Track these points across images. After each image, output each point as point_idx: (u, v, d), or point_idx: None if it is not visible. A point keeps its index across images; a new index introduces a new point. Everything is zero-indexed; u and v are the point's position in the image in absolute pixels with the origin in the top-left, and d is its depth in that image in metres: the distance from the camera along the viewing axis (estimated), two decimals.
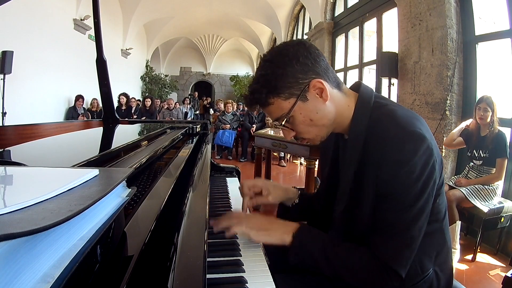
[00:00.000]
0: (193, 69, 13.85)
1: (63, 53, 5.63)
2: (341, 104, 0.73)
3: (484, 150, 2.37)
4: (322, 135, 0.75)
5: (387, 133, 0.65)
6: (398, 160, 0.63)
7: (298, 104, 0.69)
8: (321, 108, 0.70)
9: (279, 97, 0.69)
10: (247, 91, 0.73)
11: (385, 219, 0.66)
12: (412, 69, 3.24)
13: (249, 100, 0.73)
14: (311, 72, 0.69)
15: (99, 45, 1.53)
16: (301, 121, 0.71)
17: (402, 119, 0.66)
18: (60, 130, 1.45)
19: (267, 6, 8.09)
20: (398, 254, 0.65)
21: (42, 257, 0.26)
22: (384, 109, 0.70)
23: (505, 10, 2.49)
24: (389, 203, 0.65)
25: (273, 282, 0.68)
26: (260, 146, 3.37)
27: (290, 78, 0.68)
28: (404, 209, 0.64)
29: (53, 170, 0.45)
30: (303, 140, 0.76)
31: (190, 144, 1.33)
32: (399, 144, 0.63)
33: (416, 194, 0.63)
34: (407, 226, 0.64)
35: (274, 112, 0.72)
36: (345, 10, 5.31)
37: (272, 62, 0.69)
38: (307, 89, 0.69)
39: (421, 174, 0.63)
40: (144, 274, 0.42)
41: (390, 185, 0.64)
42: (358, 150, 0.69)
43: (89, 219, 0.33)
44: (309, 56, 0.69)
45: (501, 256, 2.34)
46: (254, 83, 0.71)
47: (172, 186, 0.68)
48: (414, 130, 0.64)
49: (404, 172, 0.62)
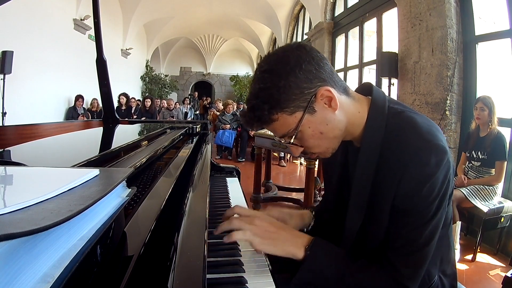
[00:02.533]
0: (193, 69, 13.85)
1: (63, 53, 5.63)
2: (351, 111, 0.66)
3: (482, 152, 2.37)
4: (334, 147, 0.68)
5: (410, 146, 0.59)
6: (421, 174, 0.58)
7: (305, 117, 0.61)
8: (331, 119, 0.63)
9: (284, 112, 0.61)
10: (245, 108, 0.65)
11: (402, 235, 0.62)
12: (412, 69, 3.24)
13: (248, 119, 0.64)
14: (317, 79, 0.61)
15: (99, 45, 1.53)
16: (310, 135, 0.64)
17: (424, 130, 0.61)
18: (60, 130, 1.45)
19: (267, 6, 8.09)
20: (414, 271, 0.62)
21: (42, 257, 0.26)
22: (402, 117, 0.64)
23: (505, 10, 2.49)
24: (407, 219, 0.61)
25: (273, 282, 0.68)
26: (260, 146, 3.37)
27: (295, 89, 0.60)
28: (423, 225, 0.60)
29: (53, 170, 0.45)
30: (313, 154, 0.69)
31: (190, 144, 1.33)
32: (424, 159, 0.58)
33: (434, 209, 0.60)
34: (425, 242, 0.61)
35: (279, 129, 0.64)
36: (345, 10, 5.31)
37: (271, 72, 0.60)
38: (314, 99, 0.61)
39: (441, 188, 0.59)
40: (144, 274, 0.42)
41: (410, 201, 0.60)
42: (374, 161, 0.63)
43: (89, 219, 0.33)
44: (312, 62, 0.61)
45: (501, 256, 2.34)
46: (252, 99, 0.62)
47: (172, 186, 0.68)
48: (438, 143, 0.59)
49: (426, 188, 0.58)
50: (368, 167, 0.64)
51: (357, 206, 0.66)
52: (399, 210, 0.61)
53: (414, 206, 0.60)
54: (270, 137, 3.22)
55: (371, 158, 0.64)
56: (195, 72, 13.86)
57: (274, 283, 0.67)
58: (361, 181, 0.65)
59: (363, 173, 0.65)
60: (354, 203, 0.67)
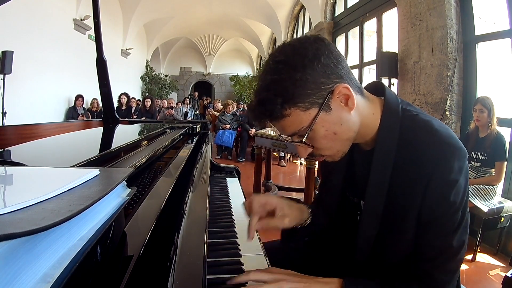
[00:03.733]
0: (193, 69, 13.85)
1: (63, 53, 5.63)
2: (365, 112, 0.62)
3: (482, 152, 2.38)
4: (344, 150, 0.64)
5: (433, 152, 0.56)
6: (447, 181, 0.56)
7: (320, 115, 0.57)
8: (347, 119, 0.59)
9: (297, 108, 0.56)
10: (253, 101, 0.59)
11: (436, 245, 0.59)
12: (412, 69, 3.24)
13: (258, 113, 0.58)
14: (334, 75, 0.57)
15: (99, 45, 1.53)
16: (323, 135, 0.59)
17: (442, 132, 0.58)
18: (60, 130, 1.45)
19: (267, 6, 8.09)
20: (452, 277, 0.61)
21: (42, 257, 0.26)
22: (417, 120, 0.61)
23: (505, 10, 2.49)
24: (438, 228, 0.59)
25: None
26: (260, 146, 3.37)
27: (311, 84, 0.55)
28: (454, 231, 0.58)
29: (53, 170, 0.45)
30: (321, 157, 0.64)
31: (190, 144, 1.33)
32: (448, 164, 0.56)
33: (461, 213, 0.58)
34: (458, 247, 0.59)
35: (290, 126, 0.59)
36: (345, 10, 5.31)
37: (287, 64, 0.55)
38: (331, 96, 0.57)
39: (465, 192, 0.58)
40: (144, 274, 0.42)
41: (438, 209, 0.58)
42: (389, 166, 0.60)
43: (89, 219, 0.33)
44: (331, 56, 0.57)
45: (501, 256, 2.34)
46: (263, 91, 0.57)
47: (172, 186, 0.68)
48: (460, 147, 0.57)
49: (452, 194, 0.56)
50: (383, 171, 0.61)
51: (373, 212, 0.63)
52: (427, 220, 0.59)
53: (443, 214, 0.58)
54: (270, 137, 3.23)
55: (387, 162, 0.61)
56: (195, 72, 13.86)
57: None
58: (377, 185, 0.62)
59: (378, 178, 0.61)
60: (369, 209, 0.63)
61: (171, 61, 13.30)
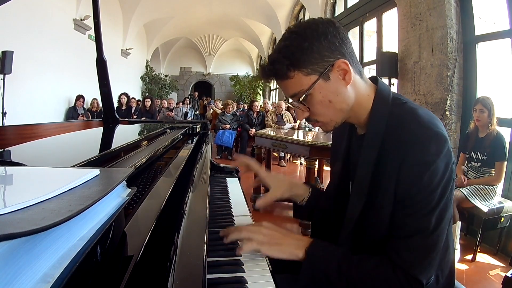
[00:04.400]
0: (193, 69, 13.85)
1: (63, 53, 5.63)
2: (361, 91, 0.70)
3: (482, 153, 2.38)
4: (337, 121, 0.71)
5: (411, 133, 0.62)
6: (422, 161, 0.60)
7: (319, 82, 0.65)
8: (342, 91, 0.67)
9: (300, 71, 0.65)
10: (265, 61, 0.70)
11: (406, 224, 0.63)
12: (412, 69, 3.24)
13: (267, 70, 0.68)
14: (337, 52, 0.65)
15: (99, 45, 1.53)
16: (319, 100, 0.67)
17: (424, 119, 0.63)
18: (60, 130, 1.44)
19: (267, 6, 8.10)
20: (420, 261, 0.62)
21: (42, 257, 0.26)
22: (404, 107, 0.67)
23: (505, 10, 2.49)
24: (411, 208, 0.62)
25: (273, 282, 0.67)
26: (260, 146, 3.37)
27: (316, 54, 0.64)
28: (426, 213, 0.61)
29: (53, 170, 0.45)
30: (316, 122, 0.72)
31: (190, 144, 1.33)
32: (423, 145, 0.60)
33: (438, 197, 0.61)
34: (429, 231, 0.62)
35: (292, 87, 0.67)
36: (345, 10, 5.32)
37: (298, 34, 0.65)
38: (331, 68, 0.65)
39: (443, 176, 0.61)
40: (144, 274, 0.42)
41: (412, 188, 0.61)
42: (377, 148, 0.66)
43: (89, 219, 0.33)
44: (338, 36, 0.65)
45: (501, 256, 2.34)
46: (275, 53, 0.67)
47: (172, 186, 0.68)
48: (438, 131, 0.62)
49: (427, 175, 0.60)
50: (370, 154, 0.67)
51: (359, 192, 0.69)
52: (402, 198, 0.63)
53: (417, 193, 0.61)
54: (270, 137, 3.23)
55: (374, 145, 0.66)
56: (195, 72, 13.86)
57: (274, 283, 0.67)
58: (363, 167, 0.68)
59: (365, 160, 0.67)
60: (356, 189, 0.69)
61: (171, 61, 13.30)
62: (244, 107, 7.72)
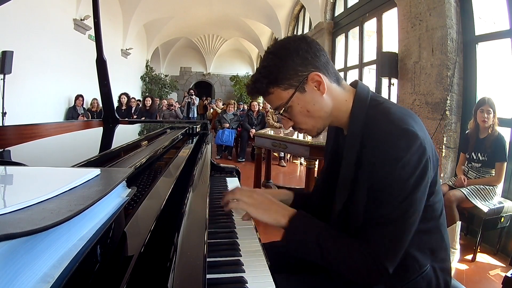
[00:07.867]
0: (193, 69, 13.84)
1: (63, 53, 5.62)
2: (339, 98, 0.75)
3: (482, 153, 2.37)
4: (319, 127, 0.78)
5: (381, 131, 0.67)
6: (391, 157, 0.64)
7: (296, 95, 0.72)
8: (318, 100, 0.73)
9: (278, 87, 0.72)
10: (250, 80, 0.77)
11: (376, 213, 0.67)
12: (412, 69, 3.24)
13: (250, 89, 0.76)
14: (311, 65, 0.72)
15: (99, 45, 1.53)
16: (298, 111, 0.74)
17: (395, 116, 0.68)
18: (60, 130, 1.44)
19: (267, 6, 8.09)
20: (387, 248, 0.66)
21: (42, 257, 0.26)
22: (379, 107, 0.72)
23: (505, 10, 2.49)
24: (381, 198, 0.67)
25: (273, 282, 0.67)
26: (260, 146, 3.37)
27: (290, 70, 0.71)
28: (396, 204, 0.65)
29: (54, 170, 0.45)
30: (301, 130, 0.79)
31: (190, 144, 1.33)
32: (392, 141, 0.65)
33: (408, 190, 0.65)
34: (397, 220, 0.66)
35: (274, 101, 0.75)
36: (345, 10, 5.31)
37: (274, 54, 0.73)
38: (306, 81, 0.72)
39: (414, 171, 0.64)
40: (144, 274, 0.42)
41: (383, 181, 0.66)
42: (356, 147, 0.71)
43: (89, 219, 0.33)
44: (310, 51, 0.72)
45: (501, 256, 2.34)
46: (257, 73, 0.75)
47: (172, 186, 0.68)
48: (406, 127, 0.65)
49: (397, 169, 0.64)
50: (351, 152, 0.72)
51: (343, 187, 0.74)
52: (374, 189, 0.68)
53: (388, 185, 0.66)
54: (270, 137, 3.23)
55: (354, 144, 0.71)
56: (195, 72, 13.86)
57: (274, 283, 0.67)
58: (346, 164, 0.73)
59: (347, 158, 0.73)
60: (341, 185, 0.75)
61: (171, 61, 13.30)
62: (244, 107, 7.72)
